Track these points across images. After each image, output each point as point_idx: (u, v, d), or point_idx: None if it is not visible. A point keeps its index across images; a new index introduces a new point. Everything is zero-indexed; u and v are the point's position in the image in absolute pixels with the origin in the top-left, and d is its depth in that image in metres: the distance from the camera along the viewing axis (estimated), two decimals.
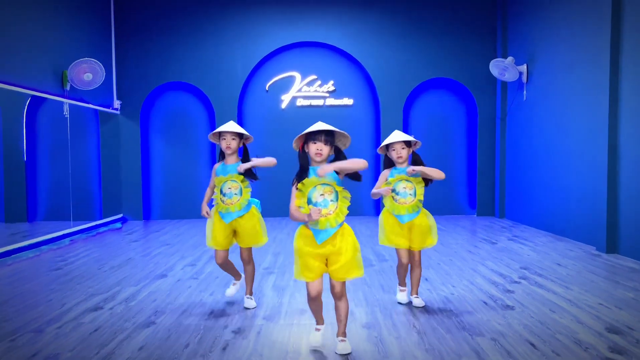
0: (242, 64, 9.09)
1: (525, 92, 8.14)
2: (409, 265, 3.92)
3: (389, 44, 9.13)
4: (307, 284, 2.97)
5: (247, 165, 3.70)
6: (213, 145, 9.19)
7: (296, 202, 2.91)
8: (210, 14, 9.08)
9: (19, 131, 6.79)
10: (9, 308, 3.94)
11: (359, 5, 9.13)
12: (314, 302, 3.04)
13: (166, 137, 9.35)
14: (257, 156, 3.87)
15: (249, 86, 9.33)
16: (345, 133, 2.96)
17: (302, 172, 2.93)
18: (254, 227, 3.83)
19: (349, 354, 2.97)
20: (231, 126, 3.76)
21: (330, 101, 9.33)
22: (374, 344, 3.14)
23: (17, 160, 6.82)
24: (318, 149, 2.88)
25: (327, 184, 2.89)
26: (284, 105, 9.32)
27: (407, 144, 3.74)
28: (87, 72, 7.36)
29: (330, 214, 2.88)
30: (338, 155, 2.96)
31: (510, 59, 8.07)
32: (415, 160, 3.80)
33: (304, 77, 9.29)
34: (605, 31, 5.82)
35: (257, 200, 3.96)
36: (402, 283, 4.01)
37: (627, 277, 4.71)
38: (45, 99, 6.94)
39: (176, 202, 9.25)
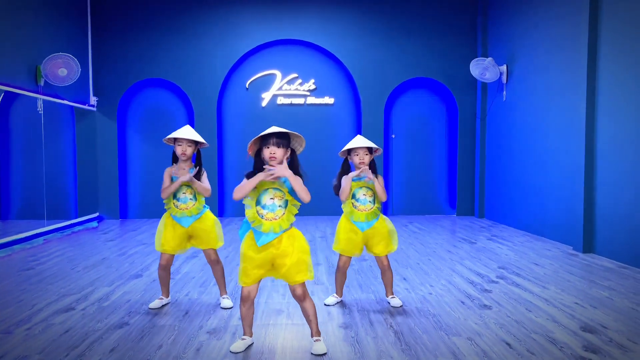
0: (221, 61, 8.99)
1: (505, 92, 8.20)
2: (380, 270, 3.95)
3: (371, 43, 9.12)
4: (242, 287, 2.96)
5: (188, 179, 3.66)
6: None
7: (245, 200, 2.87)
8: (190, 9, 8.96)
9: None
10: None
11: (340, 3, 9.10)
12: (244, 304, 2.99)
13: (144, 135, 9.20)
14: (200, 171, 3.79)
15: (228, 84, 9.24)
16: (299, 135, 2.92)
17: (254, 174, 2.88)
18: (211, 229, 3.81)
19: (324, 354, 2.94)
20: (187, 133, 3.69)
21: (311, 100, 9.28)
22: (350, 344, 3.11)
23: None
24: (271, 153, 2.83)
25: (279, 189, 2.87)
26: (264, 104, 9.25)
27: (370, 150, 3.72)
28: (62, 67, 7.20)
29: (275, 219, 2.85)
30: (292, 157, 2.92)
31: (490, 59, 8.13)
32: (370, 166, 3.76)
33: (284, 75, 9.24)
34: (583, 32, 5.88)
35: (207, 206, 3.91)
36: (338, 292, 4.00)
37: (603, 276, 4.76)
38: (19, 94, 6.77)
39: (153, 201, 9.10)
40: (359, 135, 3.83)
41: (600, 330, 3.32)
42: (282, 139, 2.86)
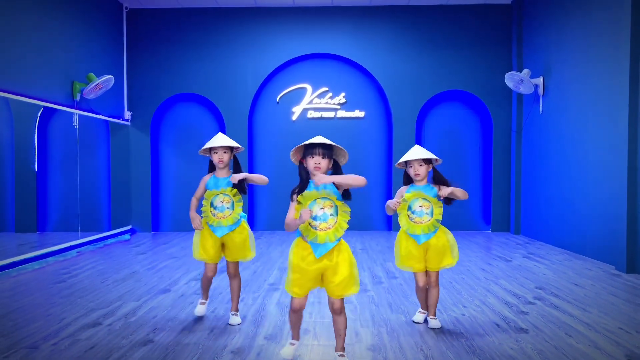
0: (252, 76, 9.04)
1: (541, 105, 7.95)
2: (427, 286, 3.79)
3: (402, 56, 9.02)
4: (292, 297, 2.92)
5: (240, 176, 3.64)
6: None
7: (294, 214, 2.83)
8: (221, 25, 9.07)
9: (31, 141, 6.79)
10: (7, 322, 3.86)
11: (371, 16, 9.05)
12: (295, 314, 2.98)
13: (176, 149, 9.31)
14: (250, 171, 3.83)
15: (259, 98, 9.28)
16: (343, 149, 2.90)
17: (302, 185, 2.86)
18: (244, 241, 3.79)
19: None
20: (222, 140, 3.71)
21: (342, 113, 9.23)
22: None
23: (28, 170, 6.82)
24: (316, 163, 2.81)
25: (327, 198, 2.82)
26: (294, 118, 9.24)
27: (426, 160, 3.59)
28: (102, 87, 7.41)
29: (329, 229, 2.81)
30: (336, 170, 2.91)
31: (525, 71, 7.90)
32: (435, 177, 3.65)
33: (315, 89, 9.22)
34: (624, 41, 5.64)
35: (244, 214, 3.88)
36: (423, 307, 3.88)
37: None
38: (56, 110, 6.94)
39: (185, 214, 9.13)
40: (416, 145, 3.69)
41: None
42: (327, 150, 2.84)
